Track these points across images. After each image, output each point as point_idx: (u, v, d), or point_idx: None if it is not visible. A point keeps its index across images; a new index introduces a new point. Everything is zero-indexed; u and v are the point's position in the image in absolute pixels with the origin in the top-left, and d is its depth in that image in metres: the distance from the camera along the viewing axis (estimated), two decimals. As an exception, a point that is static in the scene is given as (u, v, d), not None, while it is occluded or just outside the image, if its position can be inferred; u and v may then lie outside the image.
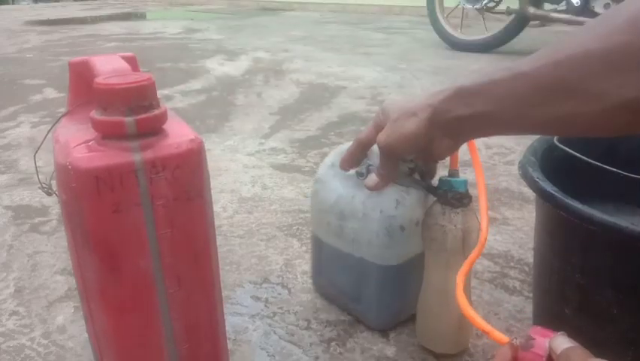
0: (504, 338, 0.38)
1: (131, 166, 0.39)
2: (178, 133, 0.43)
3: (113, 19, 5.00)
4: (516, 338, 0.37)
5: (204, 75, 2.27)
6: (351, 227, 0.61)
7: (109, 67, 0.43)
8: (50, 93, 1.99)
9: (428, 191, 0.58)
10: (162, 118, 0.42)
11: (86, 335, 0.65)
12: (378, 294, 0.62)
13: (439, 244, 0.56)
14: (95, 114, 0.40)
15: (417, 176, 0.58)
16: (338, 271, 0.66)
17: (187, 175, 0.42)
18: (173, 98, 1.89)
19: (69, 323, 0.67)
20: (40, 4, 7.18)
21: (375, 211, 0.58)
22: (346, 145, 0.62)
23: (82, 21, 4.99)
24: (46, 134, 0.43)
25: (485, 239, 0.53)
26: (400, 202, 0.58)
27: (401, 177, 0.57)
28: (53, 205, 1.02)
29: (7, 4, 7.74)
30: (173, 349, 0.46)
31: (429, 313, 0.60)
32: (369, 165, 0.57)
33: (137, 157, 0.39)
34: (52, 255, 0.84)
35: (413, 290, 0.61)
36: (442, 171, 0.57)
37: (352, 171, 0.60)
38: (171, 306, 0.45)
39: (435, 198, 0.56)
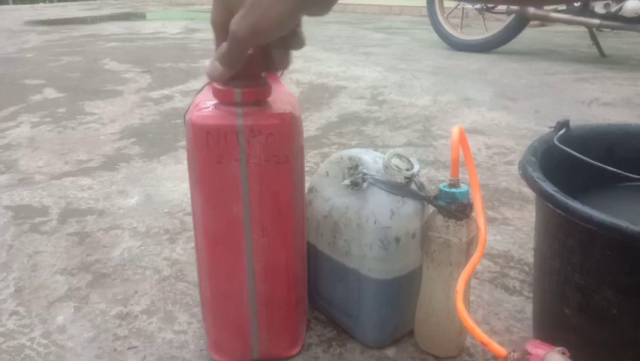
0: (502, 350, 0.38)
1: (234, 127, 0.49)
2: (277, 107, 0.51)
3: (113, 19, 5.00)
4: (514, 352, 0.37)
5: (205, 75, 2.27)
6: (345, 239, 0.58)
7: None
8: (50, 93, 1.99)
9: (427, 202, 0.55)
10: (265, 93, 0.50)
11: (85, 335, 0.65)
12: (373, 309, 0.60)
13: (442, 257, 0.54)
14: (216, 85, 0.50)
15: (414, 186, 0.56)
16: (333, 284, 0.63)
17: (277, 142, 0.50)
18: (173, 98, 1.89)
19: (69, 323, 0.67)
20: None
21: (370, 222, 0.56)
22: (343, 152, 0.61)
23: (82, 21, 4.99)
24: (197, 94, 0.55)
25: (485, 240, 0.53)
26: (394, 212, 0.55)
27: (397, 187, 0.55)
28: (53, 205, 1.02)
29: (7, 4, 7.74)
30: (253, 287, 0.55)
31: (430, 321, 0.59)
32: (365, 174, 0.56)
33: (239, 121, 0.49)
34: (52, 255, 0.84)
35: (411, 306, 0.60)
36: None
37: (347, 181, 0.57)
38: (255, 250, 0.53)
39: (434, 209, 0.54)
